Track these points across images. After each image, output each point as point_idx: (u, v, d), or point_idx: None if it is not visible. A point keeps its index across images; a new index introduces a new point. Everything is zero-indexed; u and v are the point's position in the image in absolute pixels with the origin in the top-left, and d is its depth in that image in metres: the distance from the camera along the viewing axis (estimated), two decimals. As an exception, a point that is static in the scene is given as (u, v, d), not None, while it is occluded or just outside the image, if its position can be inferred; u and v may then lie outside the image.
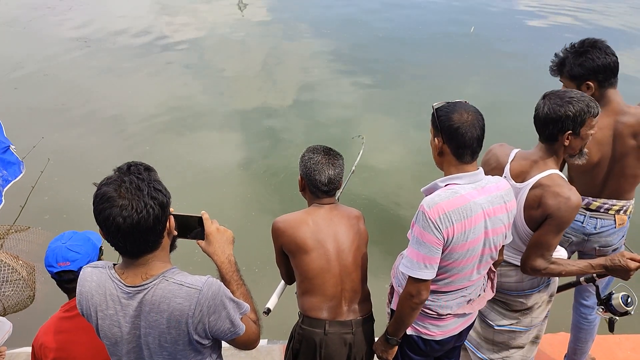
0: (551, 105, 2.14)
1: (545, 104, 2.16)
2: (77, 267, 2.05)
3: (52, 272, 2.07)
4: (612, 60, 2.48)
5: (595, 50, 2.48)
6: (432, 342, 2.27)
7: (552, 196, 2.13)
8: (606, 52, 2.48)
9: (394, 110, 7.56)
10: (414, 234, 2.01)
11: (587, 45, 2.51)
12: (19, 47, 10.03)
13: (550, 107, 2.14)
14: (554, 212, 2.12)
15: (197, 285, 1.52)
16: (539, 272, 2.27)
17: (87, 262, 2.07)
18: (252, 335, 1.72)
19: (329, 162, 2.29)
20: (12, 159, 3.24)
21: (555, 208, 2.12)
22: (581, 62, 2.50)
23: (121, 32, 10.86)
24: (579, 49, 2.52)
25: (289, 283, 2.54)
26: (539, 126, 2.21)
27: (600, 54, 2.47)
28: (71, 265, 2.05)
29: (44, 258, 2.10)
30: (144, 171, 1.51)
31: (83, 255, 2.08)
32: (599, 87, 2.52)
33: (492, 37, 10.58)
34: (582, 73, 2.51)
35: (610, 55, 2.48)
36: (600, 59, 2.47)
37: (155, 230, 1.50)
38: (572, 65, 2.53)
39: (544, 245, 2.20)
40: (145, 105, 7.75)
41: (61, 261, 2.05)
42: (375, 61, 9.43)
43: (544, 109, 2.16)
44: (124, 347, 1.62)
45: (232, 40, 10.56)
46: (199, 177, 6.04)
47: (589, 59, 2.49)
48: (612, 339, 3.57)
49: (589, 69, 2.49)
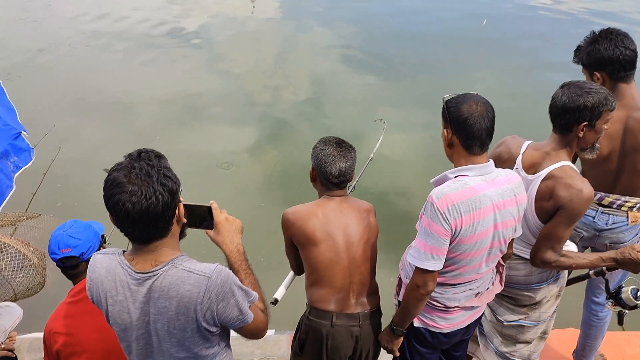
0: (570, 94, 2.11)
1: (564, 93, 2.13)
2: (79, 253, 2.11)
3: (55, 258, 2.13)
4: (622, 53, 2.39)
5: (605, 41, 2.42)
6: (439, 335, 2.27)
7: (564, 188, 2.10)
8: (616, 44, 2.40)
9: (404, 103, 7.52)
10: (422, 225, 2.01)
11: (601, 34, 2.45)
12: (32, 37, 10.09)
13: (568, 96, 2.11)
14: (565, 204, 2.10)
15: (206, 273, 1.53)
16: (549, 265, 2.24)
17: (88, 247, 2.13)
18: (260, 324, 1.72)
19: (340, 154, 2.27)
20: (24, 146, 3.26)
21: (567, 200, 2.09)
22: (589, 51, 2.46)
23: (134, 24, 10.89)
24: (593, 37, 2.47)
25: (298, 274, 2.55)
26: (555, 115, 2.18)
27: (609, 46, 2.40)
28: (72, 251, 2.10)
29: (48, 246, 2.15)
30: (155, 158, 1.52)
31: (84, 241, 2.13)
32: (609, 79, 2.46)
33: (505, 30, 10.48)
34: (589, 62, 2.47)
35: (622, 47, 2.39)
36: (607, 51, 2.40)
37: (164, 216, 1.50)
38: (583, 54, 2.49)
39: (555, 238, 2.18)
40: (156, 95, 7.78)
41: (63, 247, 2.10)
42: (387, 54, 9.38)
43: (562, 97, 2.13)
44: (133, 333, 1.63)
45: (244, 33, 10.55)
46: (209, 167, 6.06)
47: (595, 49, 2.43)
48: (621, 336, 3.54)
49: (595, 59, 2.44)
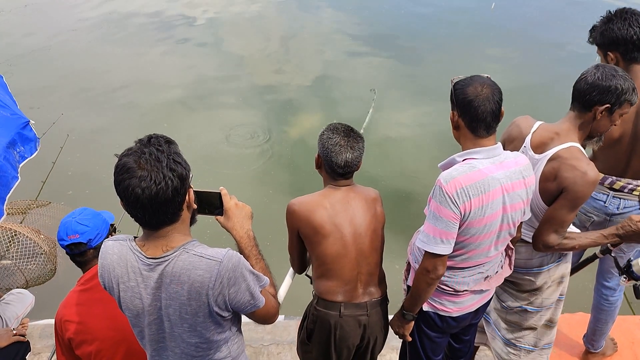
0: (604, 73, 2.07)
1: (599, 70, 2.09)
2: (86, 239, 2.12)
3: (63, 245, 2.14)
4: (636, 33, 2.35)
5: (619, 20, 2.38)
6: (448, 319, 2.27)
7: (569, 169, 2.07)
8: (630, 24, 2.36)
9: (411, 87, 7.49)
10: (431, 209, 2.00)
11: (616, 14, 2.42)
12: (36, 27, 10.08)
13: (603, 74, 2.07)
14: (569, 186, 2.07)
15: (217, 257, 1.53)
16: (552, 248, 2.22)
17: (96, 234, 2.14)
18: (272, 309, 1.73)
19: (347, 144, 2.22)
20: (31, 135, 3.27)
21: (571, 181, 2.06)
22: (602, 30, 2.43)
23: (137, 11, 10.84)
24: (608, 17, 2.43)
25: (299, 272, 2.52)
26: (581, 90, 2.13)
27: (622, 25, 2.37)
28: (80, 237, 2.11)
29: (57, 233, 2.17)
30: (164, 143, 1.52)
31: (92, 228, 2.14)
32: (623, 60, 2.43)
33: (513, 14, 10.35)
34: (603, 42, 2.44)
35: (636, 27, 2.36)
36: (621, 30, 2.37)
37: (174, 202, 1.50)
38: (597, 33, 2.46)
39: (558, 221, 2.15)
40: (162, 82, 7.78)
41: (71, 234, 2.12)
42: (395, 38, 9.29)
43: (595, 74, 2.09)
44: (146, 318, 1.64)
45: (248, 18, 10.49)
46: (216, 154, 6.07)
47: (609, 29, 2.40)
48: (631, 320, 3.54)
49: (608, 38, 2.41)
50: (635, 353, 3.27)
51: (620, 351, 3.27)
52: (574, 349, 3.28)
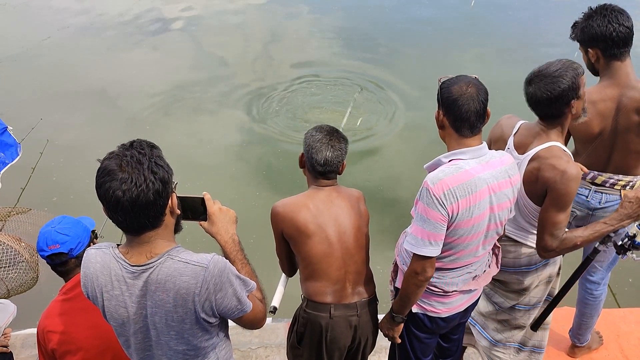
0: (545, 86, 2.07)
1: (539, 88, 2.09)
2: (67, 249, 2.07)
3: (44, 255, 2.09)
4: (615, 30, 2.36)
5: (599, 17, 2.39)
6: (437, 320, 2.27)
7: (549, 169, 2.08)
8: (610, 21, 2.37)
9: (394, 88, 7.49)
10: (418, 211, 1.99)
11: (596, 10, 2.42)
12: (15, 28, 9.90)
13: (545, 89, 2.07)
14: (550, 186, 2.08)
15: (203, 263, 1.51)
16: (553, 252, 2.19)
17: (77, 243, 2.09)
18: (259, 313, 1.71)
19: (329, 142, 2.23)
20: (10, 141, 3.21)
21: (552, 181, 2.07)
22: (583, 27, 2.44)
23: (121, 13, 10.69)
24: (588, 13, 2.45)
25: (290, 275, 2.51)
26: (542, 108, 2.13)
27: (602, 22, 2.37)
28: (61, 248, 2.06)
29: (36, 243, 2.11)
30: (147, 147, 1.50)
31: (72, 237, 2.09)
32: (603, 56, 2.44)
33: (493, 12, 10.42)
34: (583, 39, 2.45)
35: (615, 24, 2.36)
36: (600, 27, 2.37)
37: (155, 205, 1.48)
38: (578, 30, 2.47)
39: (549, 223, 2.13)
40: (145, 85, 7.66)
41: (51, 244, 2.06)
42: (375, 38, 9.29)
43: (541, 92, 2.08)
44: (131, 327, 1.61)
45: (232, 20, 10.41)
46: (200, 158, 6.00)
47: (589, 25, 2.41)
48: (616, 313, 3.59)
49: (588, 35, 2.42)
50: (620, 346, 3.31)
51: (605, 344, 3.31)
52: (560, 343, 3.31)
